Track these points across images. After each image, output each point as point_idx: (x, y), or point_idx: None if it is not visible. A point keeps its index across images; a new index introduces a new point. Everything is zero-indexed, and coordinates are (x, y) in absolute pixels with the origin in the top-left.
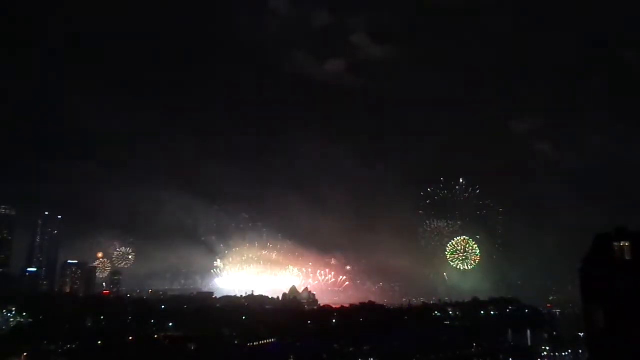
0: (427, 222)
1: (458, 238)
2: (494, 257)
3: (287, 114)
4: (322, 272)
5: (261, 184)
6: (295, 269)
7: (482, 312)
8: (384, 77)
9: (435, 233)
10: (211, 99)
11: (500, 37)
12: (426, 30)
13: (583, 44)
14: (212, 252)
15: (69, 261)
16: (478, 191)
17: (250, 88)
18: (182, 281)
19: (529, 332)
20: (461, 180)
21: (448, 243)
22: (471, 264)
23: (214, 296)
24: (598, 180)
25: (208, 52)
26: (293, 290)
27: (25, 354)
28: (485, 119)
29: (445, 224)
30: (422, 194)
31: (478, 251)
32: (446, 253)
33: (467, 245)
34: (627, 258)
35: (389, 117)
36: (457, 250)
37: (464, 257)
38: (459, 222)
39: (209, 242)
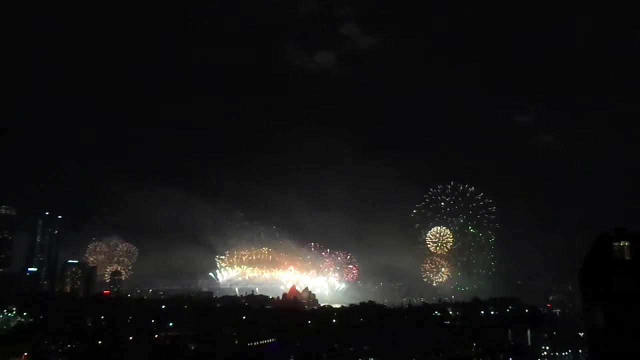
0: (429, 223)
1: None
2: (496, 256)
3: (280, 109)
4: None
5: (256, 181)
6: (294, 268)
7: (482, 312)
8: (377, 69)
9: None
10: (200, 94)
11: (500, 25)
12: (420, 19)
13: (589, 31)
14: (212, 252)
15: (69, 261)
16: (480, 190)
17: (239, 82)
18: (185, 281)
19: (529, 331)
20: (453, 184)
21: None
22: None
23: (214, 296)
24: (602, 178)
25: (194, 45)
26: (293, 290)
27: (25, 353)
28: (486, 111)
29: (446, 224)
30: (423, 195)
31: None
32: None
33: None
34: (627, 258)
35: (385, 112)
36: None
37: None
38: (461, 221)
39: (207, 241)
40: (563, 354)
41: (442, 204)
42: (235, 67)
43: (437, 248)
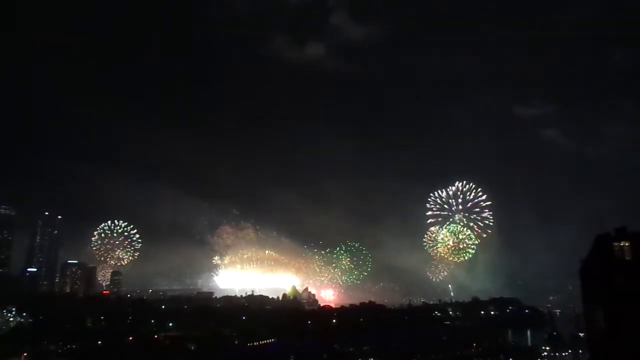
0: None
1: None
2: (497, 256)
3: (273, 104)
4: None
5: (250, 178)
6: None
7: (482, 312)
8: (370, 61)
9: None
10: (189, 90)
11: (500, 13)
12: (413, 6)
13: (594, 24)
14: (211, 252)
15: (69, 261)
16: (481, 188)
17: (230, 76)
18: (187, 281)
19: (529, 332)
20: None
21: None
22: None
23: (214, 296)
24: (605, 177)
25: (180, 37)
26: (293, 290)
27: (25, 353)
28: (488, 106)
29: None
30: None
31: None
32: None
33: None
34: (628, 258)
35: (381, 106)
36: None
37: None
38: (463, 220)
39: (206, 240)
40: (563, 354)
41: (443, 202)
42: (219, 59)
43: (439, 247)
